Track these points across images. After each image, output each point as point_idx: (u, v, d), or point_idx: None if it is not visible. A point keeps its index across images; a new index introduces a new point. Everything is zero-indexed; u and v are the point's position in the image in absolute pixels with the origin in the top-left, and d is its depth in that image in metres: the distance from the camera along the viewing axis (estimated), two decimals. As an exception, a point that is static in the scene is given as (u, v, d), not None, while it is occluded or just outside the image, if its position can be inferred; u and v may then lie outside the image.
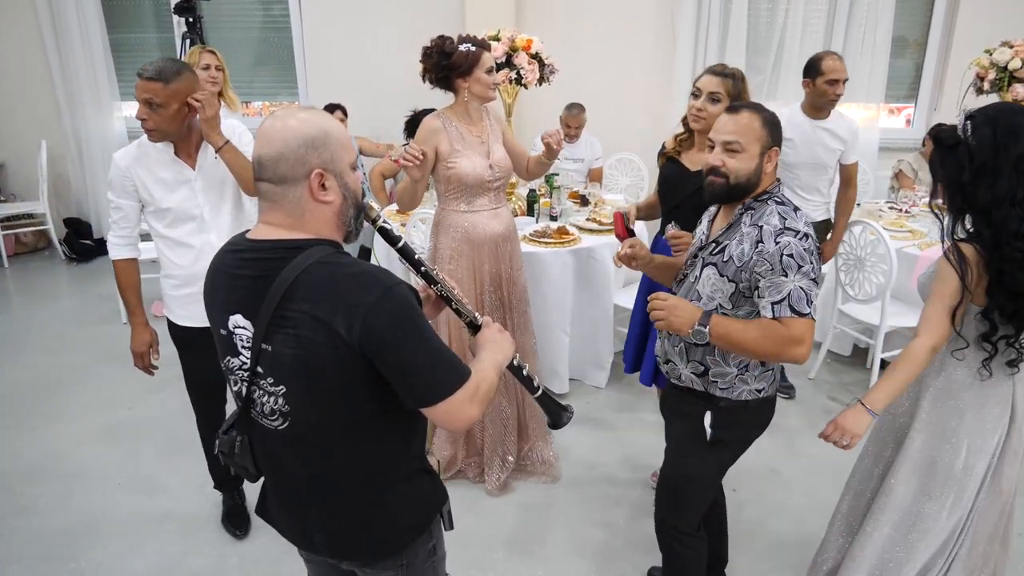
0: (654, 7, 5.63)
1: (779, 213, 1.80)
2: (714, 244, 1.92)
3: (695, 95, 2.49)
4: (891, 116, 6.17)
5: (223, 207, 2.52)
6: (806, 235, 1.77)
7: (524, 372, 1.65)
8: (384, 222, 1.49)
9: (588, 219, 4.15)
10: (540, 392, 1.69)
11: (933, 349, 1.84)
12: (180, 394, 3.78)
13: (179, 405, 3.72)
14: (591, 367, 3.94)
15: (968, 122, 1.83)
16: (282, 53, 6.01)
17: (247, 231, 1.39)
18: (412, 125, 5.02)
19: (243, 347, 1.36)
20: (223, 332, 1.38)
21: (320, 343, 1.25)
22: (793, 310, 1.73)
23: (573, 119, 5.01)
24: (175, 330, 2.59)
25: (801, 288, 1.73)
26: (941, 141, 1.87)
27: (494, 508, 2.96)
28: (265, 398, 1.36)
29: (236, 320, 1.34)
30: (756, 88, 5.64)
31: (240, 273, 1.34)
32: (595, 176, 5.26)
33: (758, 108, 1.84)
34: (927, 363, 1.87)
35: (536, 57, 3.92)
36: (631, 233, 2.40)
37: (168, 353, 2.66)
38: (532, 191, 4.21)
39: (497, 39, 3.94)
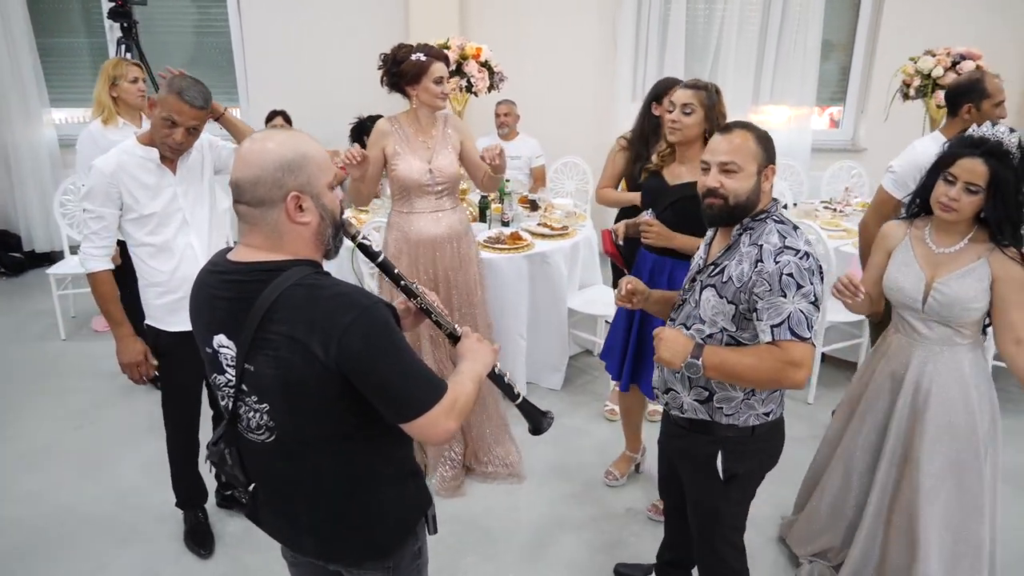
0: (595, 13, 5.74)
1: (779, 232, 1.77)
2: (713, 266, 1.88)
3: (669, 109, 2.55)
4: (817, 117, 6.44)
5: (201, 210, 2.59)
6: (807, 254, 1.73)
7: (505, 380, 1.69)
8: (364, 239, 1.53)
9: (539, 224, 4.22)
10: (520, 399, 1.73)
11: None
12: (129, 410, 3.74)
13: (129, 421, 3.66)
14: (547, 370, 4.01)
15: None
16: (220, 58, 5.89)
17: (228, 250, 1.42)
18: (358, 131, 5.00)
19: (228, 365, 1.39)
20: (208, 350, 1.42)
21: (298, 364, 1.28)
22: (793, 333, 1.69)
23: (502, 107, 5.16)
24: (161, 338, 2.58)
25: (801, 311, 1.70)
26: (993, 152, 1.97)
27: (460, 512, 2.99)
28: (251, 414, 1.40)
29: (220, 340, 1.38)
30: (695, 91, 5.82)
31: (221, 294, 1.37)
32: (538, 176, 5.35)
33: (749, 126, 1.83)
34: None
35: (486, 65, 3.97)
36: (619, 248, 2.44)
37: (108, 369, 2.61)
38: (483, 197, 4.26)
39: (447, 47, 3.98)
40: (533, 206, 4.58)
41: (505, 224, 4.22)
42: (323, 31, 5.65)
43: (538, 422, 1.73)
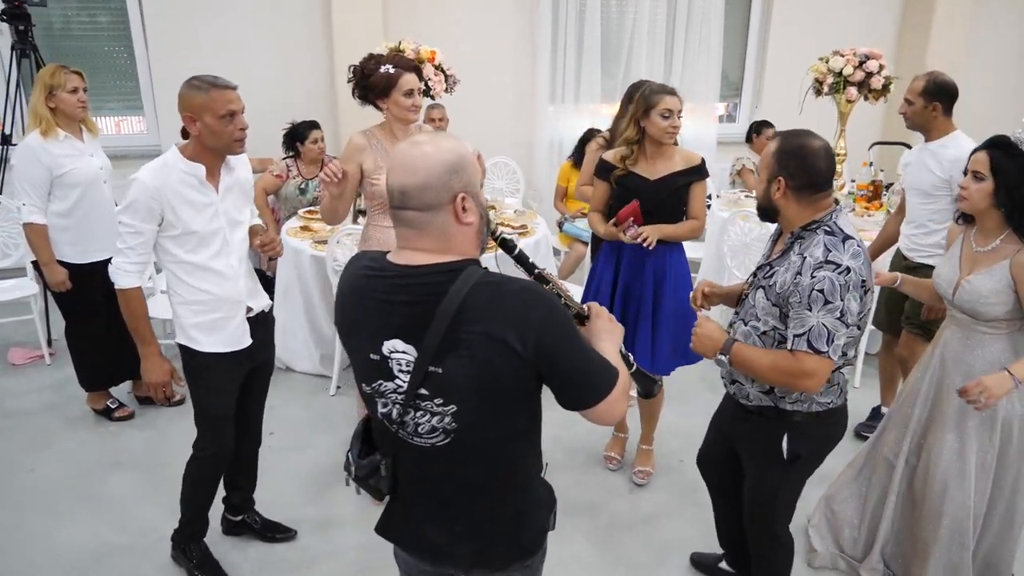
0: (513, 15, 5.85)
1: (825, 244, 1.87)
2: (768, 267, 2.04)
3: (665, 116, 2.75)
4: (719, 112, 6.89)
5: (239, 229, 2.50)
6: (848, 269, 1.82)
7: (622, 351, 1.72)
8: (504, 234, 1.59)
9: (497, 224, 4.30)
10: (635, 368, 1.77)
11: None
12: (87, 444, 3.48)
13: (91, 456, 3.41)
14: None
15: None
16: (126, 64, 5.51)
17: (383, 254, 1.41)
18: (291, 138, 4.85)
19: (400, 371, 1.38)
20: (375, 357, 1.40)
21: (496, 360, 1.31)
22: (810, 345, 1.83)
23: (435, 112, 5.18)
24: (197, 359, 2.46)
25: (824, 325, 1.82)
26: (1010, 147, 2.17)
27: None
28: (425, 418, 1.39)
29: (394, 345, 1.37)
30: (610, 92, 6.09)
31: (395, 299, 1.36)
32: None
33: (778, 135, 2.01)
34: None
35: (439, 68, 3.99)
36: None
37: (65, 399, 2.44)
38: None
39: (400, 51, 3.96)
40: (484, 207, 4.64)
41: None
42: (239, 32, 5.40)
43: (650, 385, 1.80)
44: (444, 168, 1.32)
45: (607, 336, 1.58)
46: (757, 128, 5.49)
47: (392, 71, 2.83)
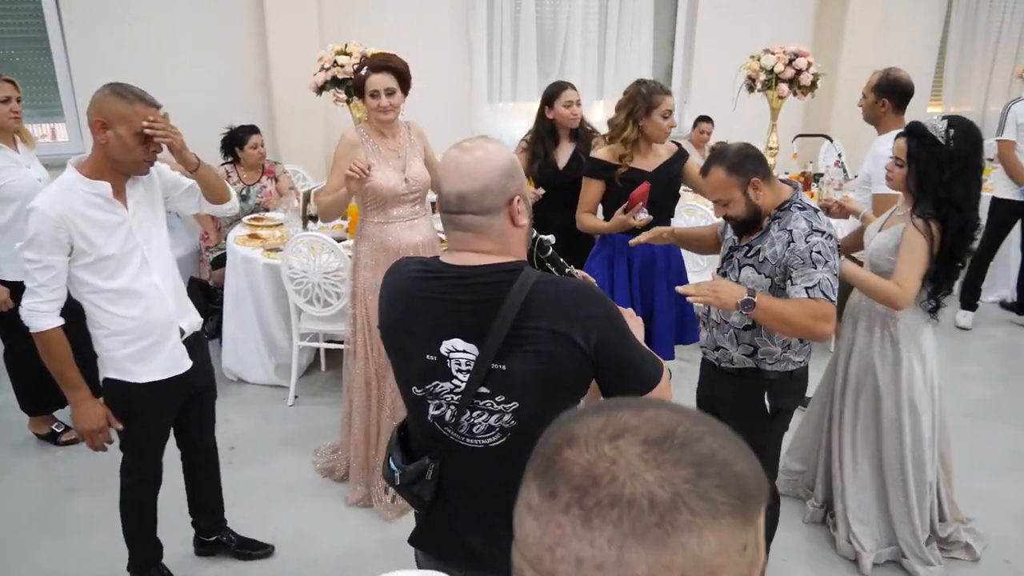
0: (448, 15, 5.84)
1: (804, 218, 2.14)
2: (748, 247, 2.26)
3: (665, 116, 2.92)
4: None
5: (159, 244, 2.34)
6: (830, 235, 2.12)
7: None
8: (541, 236, 1.64)
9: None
10: None
11: (904, 300, 2.35)
12: (36, 472, 3.32)
13: (41, 485, 3.25)
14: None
15: (950, 130, 2.34)
16: (42, 70, 5.22)
17: (434, 258, 1.44)
18: (229, 143, 4.73)
19: (459, 370, 1.39)
20: (431, 357, 1.40)
21: (561, 355, 1.34)
22: (823, 293, 2.05)
23: None
24: (131, 391, 2.30)
25: (828, 279, 2.06)
26: (924, 136, 2.37)
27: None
28: (482, 417, 1.40)
29: (454, 344, 1.38)
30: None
31: (457, 298, 1.38)
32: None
33: (719, 160, 2.17)
34: (884, 302, 2.42)
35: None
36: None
37: (3, 425, 2.30)
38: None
39: (347, 54, 3.92)
40: (433, 207, 4.64)
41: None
42: (167, 36, 5.19)
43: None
44: (501, 172, 1.36)
45: (633, 331, 1.67)
46: (695, 122, 5.85)
47: (364, 72, 2.85)
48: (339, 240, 3.80)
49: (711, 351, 2.41)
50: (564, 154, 3.64)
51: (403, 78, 2.93)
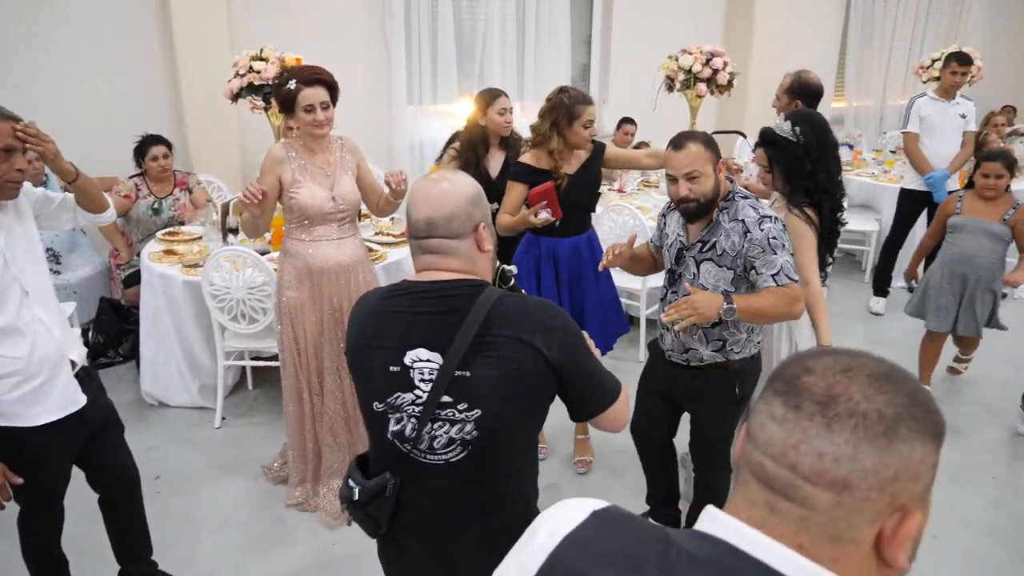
0: (364, 17, 5.70)
1: (750, 206, 2.24)
2: (701, 244, 2.31)
3: (586, 126, 2.97)
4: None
5: (38, 271, 2.14)
6: (776, 219, 2.24)
7: None
8: (503, 266, 1.70)
9: (376, 234, 4.22)
10: None
11: (812, 293, 2.46)
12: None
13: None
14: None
15: (796, 128, 2.47)
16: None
17: (403, 280, 1.51)
18: (140, 152, 4.48)
19: (422, 380, 1.42)
20: (394, 369, 1.43)
21: (524, 360, 1.39)
22: (789, 277, 2.18)
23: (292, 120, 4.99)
24: (26, 438, 2.09)
25: (787, 260, 2.19)
26: (777, 141, 2.49)
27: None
28: (443, 429, 1.42)
29: (418, 354, 1.42)
30: (467, 91, 6.11)
31: (423, 310, 1.44)
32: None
33: (694, 136, 2.25)
34: (793, 311, 2.41)
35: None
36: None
37: None
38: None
39: (263, 59, 3.77)
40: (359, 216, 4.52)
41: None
42: (62, 37, 4.86)
43: None
44: (467, 200, 1.46)
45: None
46: (618, 124, 5.92)
47: (294, 86, 2.70)
48: (263, 253, 3.64)
49: (679, 354, 2.47)
50: (496, 163, 3.61)
51: (334, 91, 2.82)
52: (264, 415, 3.88)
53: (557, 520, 0.84)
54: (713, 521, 0.75)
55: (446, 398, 1.40)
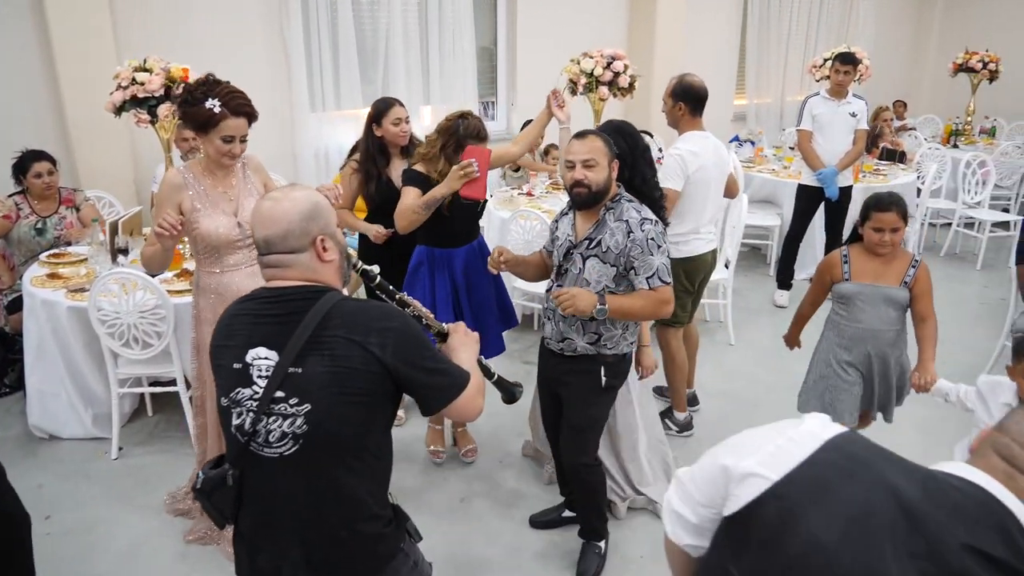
0: (260, 22, 5.52)
1: (634, 208, 2.41)
2: (588, 241, 2.43)
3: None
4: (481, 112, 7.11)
5: None
6: (656, 222, 2.40)
7: (482, 361, 1.89)
8: (364, 266, 1.79)
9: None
10: (496, 377, 1.96)
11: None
12: None
13: None
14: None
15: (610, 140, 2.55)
16: None
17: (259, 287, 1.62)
18: (19, 169, 4.21)
19: (259, 376, 1.51)
20: (237, 366, 1.53)
21: (354, 358, 1.48)
22: (661, 280, 2.37)
23: (189, 131, 4.79)
24: None
25: (663, 264, 2.37)
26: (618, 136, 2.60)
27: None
28: (276, 423, 1.49)
29: (257, 352, 1.51)
30: (370, 96, 5.98)
31: (266, 312, 1.55)
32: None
33: (598, 132, 2.39)
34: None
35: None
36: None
37: None
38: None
39: (148, 71, 3.59)
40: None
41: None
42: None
43: (512, 393, 1.98)
44: (301, 216, 1.54)
45: (464, 348, 1.80)
46: (522, 127, 5.77)
47: (218, 111, 2.52)
48: (153, 275, 3.46)
49: (556, 342, 2.58)
50: (398, 173, 3.53)
51: (253, 122, 2.69)
52: (166, 442, 3.70)
53: (824, 422, 1.08)
54: (969, 472, 0.99)
55: (279, 393, 1.48)
